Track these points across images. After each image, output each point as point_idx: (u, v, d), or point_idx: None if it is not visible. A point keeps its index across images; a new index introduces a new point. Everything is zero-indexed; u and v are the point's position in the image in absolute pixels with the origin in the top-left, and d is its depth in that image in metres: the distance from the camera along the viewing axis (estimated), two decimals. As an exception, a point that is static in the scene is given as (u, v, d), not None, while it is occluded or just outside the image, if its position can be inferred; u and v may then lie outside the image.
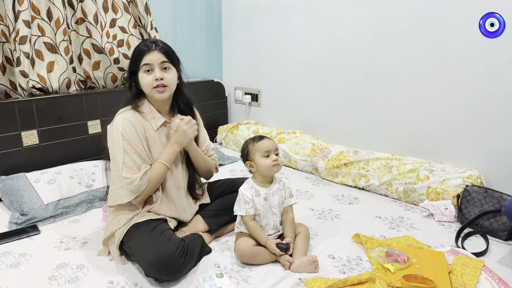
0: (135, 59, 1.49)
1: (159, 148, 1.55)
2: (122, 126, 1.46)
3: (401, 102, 2.29)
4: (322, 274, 1.43)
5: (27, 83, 2.09)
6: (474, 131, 2.04)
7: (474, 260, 1.47)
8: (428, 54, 2.12)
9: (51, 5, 2.13)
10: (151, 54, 1.46)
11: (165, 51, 1.50)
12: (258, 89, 3.12)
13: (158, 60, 1.47)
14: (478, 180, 1.96)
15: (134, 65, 1.50)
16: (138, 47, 1.50)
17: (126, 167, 1.45)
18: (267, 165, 1.49)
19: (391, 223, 1.85)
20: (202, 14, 3.06)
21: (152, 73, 1.47)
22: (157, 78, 1.46)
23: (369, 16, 2.32)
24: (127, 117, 1.49)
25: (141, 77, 1.48)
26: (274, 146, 1.53)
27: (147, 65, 1.46)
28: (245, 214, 1.51)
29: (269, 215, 1.54)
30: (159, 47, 1.49)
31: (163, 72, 1.48)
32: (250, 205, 1.50)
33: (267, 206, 1.53)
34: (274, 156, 1.50)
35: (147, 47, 1.47)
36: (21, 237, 1.69)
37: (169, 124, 1.58)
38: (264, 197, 1.53)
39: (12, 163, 2.05)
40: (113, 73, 2.48)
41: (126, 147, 1.45)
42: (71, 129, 2.25)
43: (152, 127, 1.54)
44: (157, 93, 1.49)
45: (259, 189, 1.53)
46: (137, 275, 1.43)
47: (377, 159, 2.23)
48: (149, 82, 1.47)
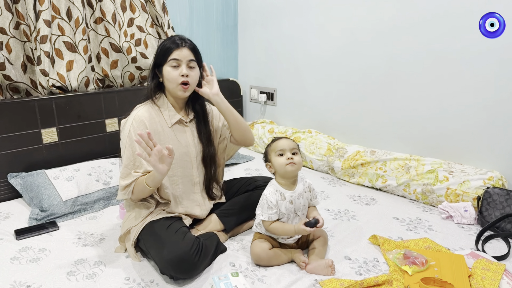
0: (163, 52, 1.50)
1: (172, 145, 1.54)
2: (131, 124, 1.48)
3: (419, 100, 2.24)
4: (338, 275, 1.41)
5: (47, 81, 2.13)
6: (495, 131, 1.99)
7: (495, 264, 1.43)
8: (448, 51, 2.07)
9: (71, 4, 2.17)
10: (180, 50, 1.48)
11: (194, 49, 1.53)
12: (273, 88, 3.11)
13: (187, 58, 1.49)
14: (499, 181, 1.91)
15: (161, 58, 1.51)
16: (167, 42, 1.52)
17: (124, 169, 1.47)
18: (281, 164, 1.47)
19: (409, 224, 1.82)
20: (218, 13, 3.07)
21: (178, 69, 1.49)
22: (183, 74, 1.48)
23: (386, 12, 2.28)
24: (140, 114, 1.50)
25: (167, 71, 1.49)
26: (290, 145, 1.51)
27: (176, 60, 1.48)
28: (267, 219, 1.47)
29: (292, 217, 1.52)
30: (188, 44, 1.52)
31: (189, 70, 1.50)
32: (273, 211, 1.47)
33: (292, 209, 1.50)
34: (289, 154, 1.48)
35: (176, 43, 1.49)
36: (41, 232, 1.72)
37: (185, 122, 1.60)
38: (289, 200, 1.49)
39: (32, 160, 2.10)
40: (131, 72, 2.50)
41: (128, 148, 1.46)
42: (89, 127, 2.28)
43: (167, 124, 1.56)
44: (181, 90, 1.51)
45: (284, 192, 1.49)
46: (153, 272, 1.44)
47: (395, 159, 2.20)
48: (175, 77, 1.48)
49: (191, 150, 1.62)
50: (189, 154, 1.61)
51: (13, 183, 2.01)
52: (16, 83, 2.12)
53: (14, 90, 2.15)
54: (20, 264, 1.49)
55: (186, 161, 1.61)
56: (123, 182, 1.46)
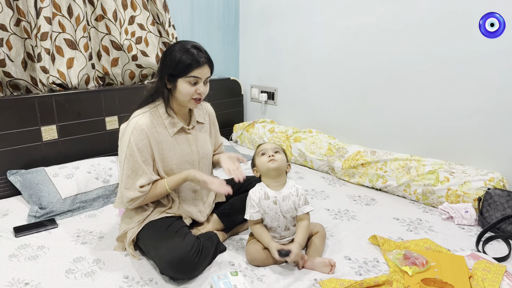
0: (183, 66, 1.41)
1: (174, 154, 1.53)
2: (132, 133, 1.43)
3: (421, 101, 2.24)
4: (338, 275, 1.41)
5: (47, 78, 2.12)
6: (496, 132, 1.98)
7: (496, 265, 1.42)
8: (450, 52, 2.06)
9: (72, 2, 2.16)
10: (202, 69, 1.43)
11: (211, 65, 1.49)
12: (274, 87, 3.10)
13: (206, 75, 1.47)
14: (500, 183, 1.90)
15: (180, 72, 1.43)
16: (188, 55, 1.42)
17: (127, 180, 1.45)
18: (263, 162, 1.52)
19: (409, 225, 1.81)
20: (219, 12, 3.06)
21: (195, 86, 1.45)
22: (200, 93, 1.46)
23: (388, 13, 2.27)
24: (140, 122, 1.45)
25: (183, 86, 1.44)
26: (272, 147, 1.56)
27: (195, 78, 1.44)
28: (249, 218, 1.51)
29: (281, 218, 1.51)
30: (207, 59, 1.46)
31: (204, 86, 1.48)
32: (255, 210, 1.50)
33: (277, 210, 1.50)
34: (271, 153, 1.52)
35: (199, 60, 1.42)
36: (40, 230, 1.72)
37: (187, 130, 1.57)
38: (273, 200, 1.50)
39: (31, 157, 2.09)
40: (131, 70, 2.50)
41: (128, 158, 1.44)
42: (89, 124, 2.28)
43: (169, 133, 1.52)
44: (193, 104, 1.49)
45: (268, 191, 1.51)
46: (151, 271, 1.43)
47: (395, 159, 2.19)
48: (191, 93, 1.45)
49: (194, 158, 1.59)
50: (191, 162, 1.59)
51: (12, 180, 2.00)
52: (16, 80, 2.12)
53: (14, 87, 2.15)
54: (18, 262, 1.48)
55: (188, 169, 1.59)
56: (129, 194, 1.45)
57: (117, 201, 1.53)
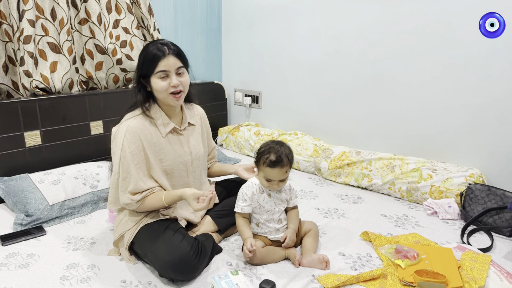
0: (148, 63, 1.43)
1: (167, 155, 1.53)
2: (125, 136, 1.43)
3: (403, 102, 2.33)
4: (334, 270, 1.44)
5: (30, 83, 2.07)
6: (475, 131, 2.09)
7: (482, 255, 1.50)
8: (430, 55, 2.16)
9: (55, 4, 2.12)
10: (167, 60, 1.42)
11: (179, 55, 1.47)
12: (258, 91, 3.13)
13: (175, 66, 1.44)
14: (480, 178, 2.00)
15: (147, 69, 1.44)
16: (151, 50, 1.43)
17: (122, 183, 1.45)
18: (265, 184, 1.52)
19: (397, 221, 1.88)
20: (202, 16, 3.08)
21: (167, 79, 1.44)
22: (174, 85, 1.44)
23: (370, 18, 2.36)
24: (133, 125, 1.45)
25: (155, 82, 1.44)
26: (279, 177, 1.48)
27: (164, 71, 1.43)
28: (240, 211, 1.53)
29: (276, 210, 1.55)
30: (172, 50, 1.44)
31: (178, 77, 1.46)
32: (247, 203, 1.52)
33: (272, 203, 1.54)
34: (275, 182, 1.49)
35: (161, 52, 1.42)
36: (27, 238, 1.67)
37: (179, 131, 1.58)
38: (268, 193, 1.54)
39: (14, 164, 2.03)
40: (115, 74, 2.47)
41: (122, 160, 1.43)
42: (73, 129, 2.23)
43: (161, 134, 1.52)
44: (173, 99, 1.47)
45: (262, 186, 1.55)
46: (149, 274, 1.42)
47: (379, 159, 2.26)
48: (165, 88, 1.44)
49: (187, 159, 1.60)
50: (185, 163, 1.59)
51: (-6, 188, 1.93)
52: (-3, 85, 2.06)
53: (-6, 92, 2.08)
54: (8, 270, 1.44)
55: (182, 170, 1.59)
56: (123, 198, 1.45)
57: (109, 201, 1.53)
